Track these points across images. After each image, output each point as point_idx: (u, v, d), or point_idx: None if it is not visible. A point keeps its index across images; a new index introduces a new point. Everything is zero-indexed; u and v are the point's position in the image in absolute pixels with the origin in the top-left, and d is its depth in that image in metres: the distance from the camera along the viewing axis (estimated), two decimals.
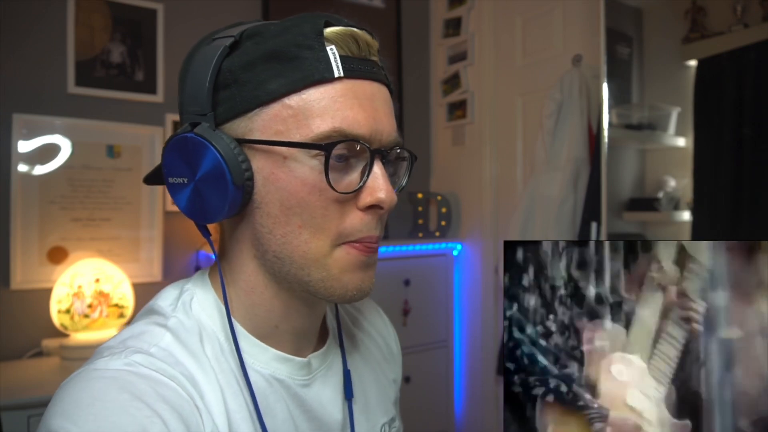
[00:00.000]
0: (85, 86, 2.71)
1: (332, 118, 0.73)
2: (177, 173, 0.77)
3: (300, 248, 0.75)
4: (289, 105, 0.73)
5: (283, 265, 0.77)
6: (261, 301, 0.82)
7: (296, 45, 0.73)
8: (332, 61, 0.73)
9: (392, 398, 1.06)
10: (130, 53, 2.81)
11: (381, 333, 1.11)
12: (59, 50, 2.66)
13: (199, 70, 0.74)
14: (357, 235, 0.76)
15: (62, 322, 2.49)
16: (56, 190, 2.64)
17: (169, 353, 0.74)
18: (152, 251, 2.85)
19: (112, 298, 2.59)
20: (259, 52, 0.73)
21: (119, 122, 2.77)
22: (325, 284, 0.77)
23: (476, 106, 3.40)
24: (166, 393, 0.69)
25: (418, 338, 3.21)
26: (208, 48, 0.76)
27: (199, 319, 0.81)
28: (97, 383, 0.67)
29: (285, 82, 0.73)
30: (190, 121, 0.75)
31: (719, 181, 2.25)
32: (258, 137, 0.74)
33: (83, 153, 2.70)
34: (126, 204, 2.80)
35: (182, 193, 0.77)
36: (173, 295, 0.85)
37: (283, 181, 0.74)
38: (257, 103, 0.74)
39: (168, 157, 0.77)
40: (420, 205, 3.56)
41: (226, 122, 0.75)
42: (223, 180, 0.72)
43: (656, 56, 2.60)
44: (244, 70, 0.74)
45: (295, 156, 0.73)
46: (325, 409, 0.87)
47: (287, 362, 0.84)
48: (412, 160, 0.84)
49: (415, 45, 3.76)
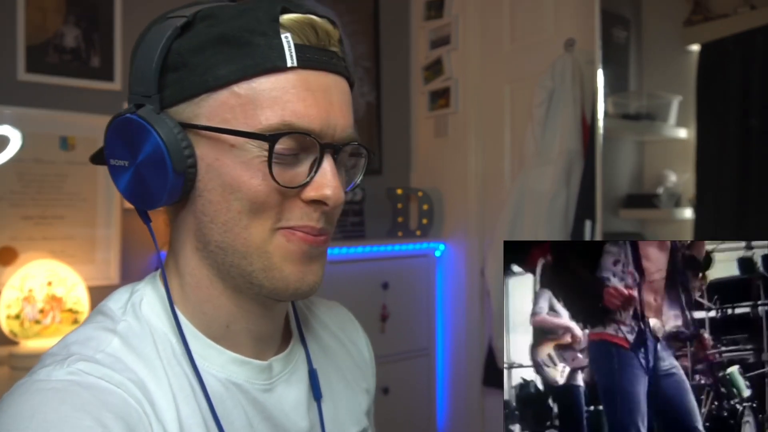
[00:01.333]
0: (36, 73, 2.66)
1: (282, 110, 0.73)
2: (118, 155, 0.77)
3: (241, 235, 0.76)
4: (237, 93, 0.74)
5: (225, 255, 0.78)
6: (208, 298, 0.82)
7: (249, 30, 0.73)
8: (286, 50, 0.74)
9: (364, 408, 1.05)
10: (85, 37, 2.76)
11: (352, 339, 1.11)
12: (8, 34, 2.60)
13: (148, 50, 0.75)
14: (294, 222, 0.77)
15: (11, 329, 2.43)
16: (5, 185, 2.58)
17: (116, 359, 0.74)
18: (109, 252, 2.80)
19: (66, 303, 2.53)
20: (211, 36, 0.74)
21: (73, 112, 2.72)
22: (267, 274, 0.77)
23: (460, 95, 3.36)
24: (111, 401, 0.69)
25: (397, 346, 3.20)
26: (159, 27, 0.76)
27: (149, 321, 0.81)
28: (39, 395, 0.67)
29: (235, 69, 0.73)
30: (135, 102, 0.76)
31: (723, 175, 2.24)
32: (204, 123, 0.75)
33: (34, 145, 2.63)
34: (81, 201, 2.74)
35: (122, 176, 0.78)
36: (124, 297, 0.84)
37: (227, 167, 0.75)
38: (205, 88, 0.74)
39: (110, 138, 0.78)
40: (399, 202, 3.55)
41: (172, 106, 0.76)
42: (163, 165, 0.73)
43: (656, 40, 2.61)
44: (193, 53, 0.74)
45: (242, 145, 0.74)
46: (288, 417, 0.87)
47: (245, 365, 0.83)
48: (368, 156, 0.86)
49: (394, 28, 3.72)
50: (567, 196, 2.60)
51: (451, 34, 3.37)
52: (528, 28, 3.01)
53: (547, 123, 2.70)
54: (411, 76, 3.75)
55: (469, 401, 3.25)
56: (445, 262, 3.43)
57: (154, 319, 0.81)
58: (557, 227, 2.61)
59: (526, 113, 2.88)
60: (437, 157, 3.53)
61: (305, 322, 1.01)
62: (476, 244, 3.25)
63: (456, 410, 3.35)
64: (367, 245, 3.12)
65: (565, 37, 2.69)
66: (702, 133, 2.32)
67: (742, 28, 2.20)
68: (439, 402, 3.41)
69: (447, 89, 3.42)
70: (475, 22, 3.25)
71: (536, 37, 2.95)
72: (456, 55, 3.37)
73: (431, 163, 3.60)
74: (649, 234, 2.58)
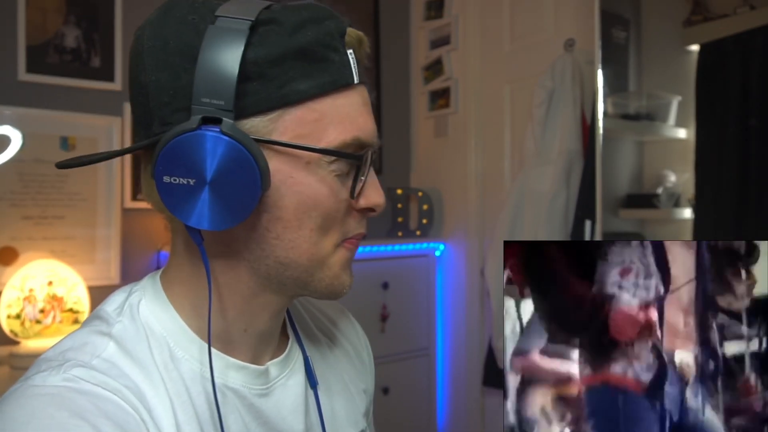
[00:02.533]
0: (36, 73, 2.66)
1: (352, 125, 0.75)
2: (179, 173, 0.70)
3: (309, 251, 0.77)
4: (313, 108, 0.73)
5: (286, 270, 0.78)
6: (235, 305, 0.81)
7: (323, 45, 0.73)
8: (353, 67, 0.76)
9: (362, 409, 1.04)
10: (86, 37, 2.77)
11: (350, 340, 1.10)
12: (9, 34, 2.60)
13: (220, 56, 0.69)
14: (352, 233, 0.81)
15: (12, 329, 2.43)
16: (5, 185, 2.58)
17: (112, 364, 0.73)
18: (109, 252, 2.80)
19: (66, 303, 2.53)
20: (289, 47, 0.72)
21: (74, 112, 2.73)
22: (326, 282, 0.80)
23: (460, 95, 3.34)
24: (109, 408, 0.68)
25: (397, 346, 3.19)
26: (218, 30, 0.70)
27: (147, 323, 0.80)
28: (35, 401, 0.66)
29: (313, 85, 0.73)
30: (205, 114, 0.69)
31: (723, 175, 2.22)
32: (278, 138, 0.73)
33: (35, 145, 2.64)
34: (81, 201, 2.74)
35: (184, 195, 0.70)
36: (120, 298, 0.83)
37: (303, 185, 0.75)
38: (284, 102, 0.72)
39: (172, 154, 0.70)
40: (399, 202, 3.54)
41: (245, 118, 0.72)
42: (253, 185, 0.69)
43: (655, 40, 2.58)
44: (272, 65, 0.71)
45: (317, 161, 0.74)
46: (286, 421, 0.86)
47: (242, 370, 0.83)
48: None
49: (394, 28, 3.71)
50: (567, 196, 2.59)
51: (451, 34, 3.36)
52: (528, 28, 2.99)
53: (547, 123, 2.69)
54: (411, 76, 3.74)
55: (469, 401, 3.24)
56: (445, 262, 3.42)
57: (153, 321, 0.80)
58: (557, 227, 2.59)
59: (526, 113, 2.87)
60: (437, 157, 3.53)
61: (303, 322, 1.01)
62: (476, 244, 3.24)
63: (456, 410, 3.34)
64: (367, 245, 3.09)
65: (565, 37, 2.68)
66: (701, 133, 2.30)
67: (742, 28, 2.18)
68: (439, 402, 3.39)
69: (447, 89, 3.41)
70: (475, 22, 3.24)
71: (536, 37, 2.94)
72: (456, 55, 3.36)
73: (431, 163, 3.59)
74: (649, 234, 2.56)
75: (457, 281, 3.35)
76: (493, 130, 3.19)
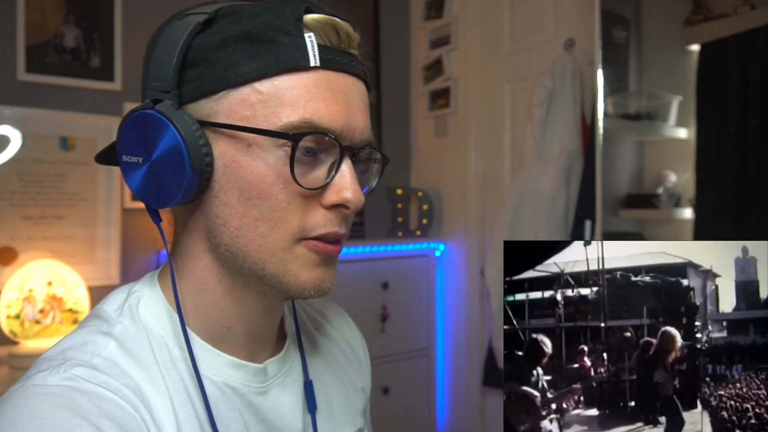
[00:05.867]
0: (36, 73, 2.64)
1: (303, 108, 0.73)
2: (132, 152, 0.76)
3: (255, 242, 0.75)
4: (259, 90, 0.73)
5: (236, 259, 0.77)
6: (213, 299, 0.81)
7: (273, 28, 0.73)
8: (309, 49, 0.73)
9: (360, 408, 1.05)
10: (85, 37, 2.75)
11: (346, 338, 1.10)
12: (8, 34, 2.59)
13: (167, 46, 0.74)
14: (319, 231, 0.76)
15: (11, 329, 2.41)
16: (5, 185, 2.57)
17: (113, 364, 0.73)
18: (109, 251, 2.78)
19: (66, 303, 2.51)
20: (234, 32, 0.73)
21: (73, 112, 2.71)
22: (281, 280, 0.77)
23: (460, 95, 3.34)
24: (110, 408, 0.68)
25: (397, 346, 3.18)
26: (179, 23, 0.75)
27: (146, 323, 0.80)
28: (35, 400, 0.66)
29: (257, 66, 0.72)
30: (152, 97, 0.74)
31: (723, 175, 2.22)
32: (223, 121, 0.74)
33: (34, 145, 2.63)
34: (81, 200, 2.73)
35: (135, 173, 0.75)
36: (120, 298, 0.83)
37: (245, 170, 0.73)
38: (226, 84, 0.73)
39: (124, 133, 0.76)
40: (399, 202, 3.54)
41: (191, 102, 0.75)
42: (180, 162, 0.71)
43: (655, 40, 2.60)
44: (215, 49, 0.73)
45: (260, 144, 0.73)
46: (284, 419, 0.86)
47: (241, 368, 0.83)
48: (384, 163, 0.85)
49: (394, 28, 3.71)
50: (567, 196, 2.60)
51: (451, 34, 3.36)
52: (528, 28, 2.99)
53: (546, 123, 2.69)
54: (411, 76, 3.74)
55: (469, 401, 3.25)
56: (445, 262, 3.42)
57: (152, 322, 0.80)
58: (557, 227, 2.60)
59: (526, 113, 2.87)
60: (437, 157, 3.52)
61: (300, 321, 1.00)
62: (476, 244, 3.24)
63: (456, 410, 3.34)
64: (367, 245, 3.10)
65: (565, 37, 2.69)
66: (702, 133, 2.31)
67: (742, 28, 2.19)
68: (439, 402, 3.40)
69: (447, 89, 3.41)
70: (475, 22, 3.24)
71: (536, 37, 2.94)
72: (456, 55, 3.36)
73: (431, 163, 3.59)
74: (649, 234, 2.56)
75: (457, 281, 3.34)
76: (493, 130, 3.19)
